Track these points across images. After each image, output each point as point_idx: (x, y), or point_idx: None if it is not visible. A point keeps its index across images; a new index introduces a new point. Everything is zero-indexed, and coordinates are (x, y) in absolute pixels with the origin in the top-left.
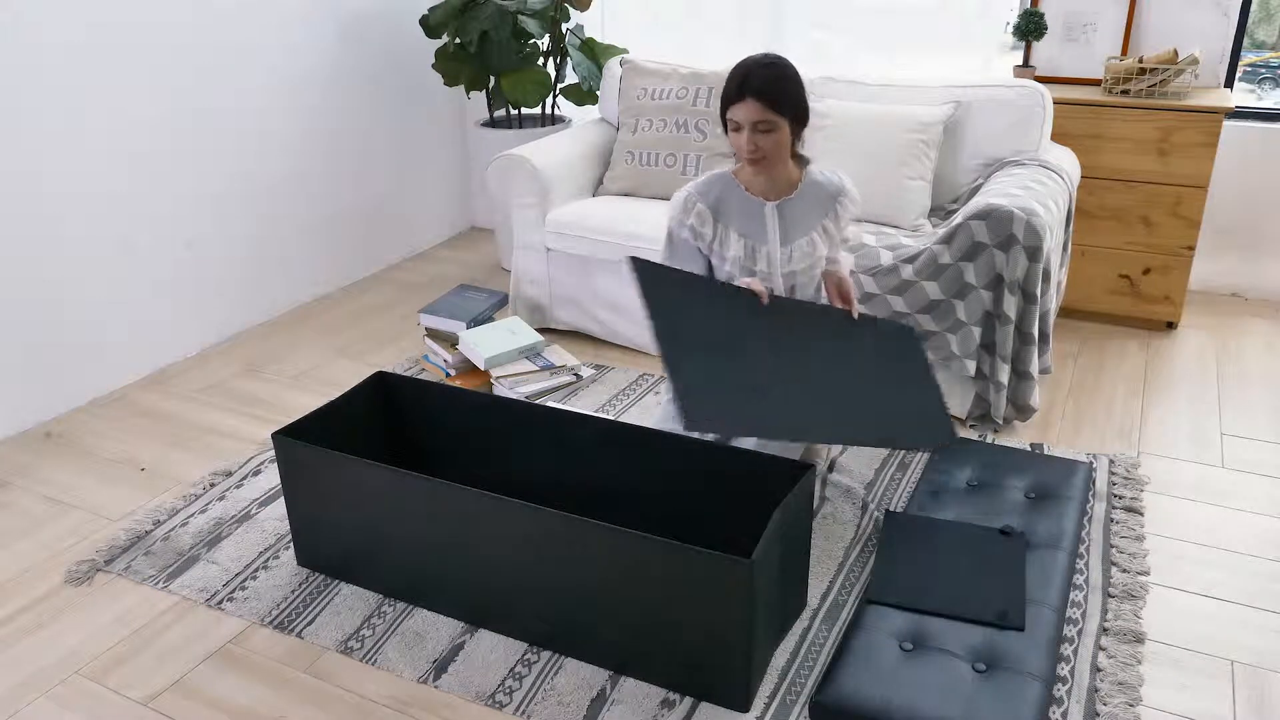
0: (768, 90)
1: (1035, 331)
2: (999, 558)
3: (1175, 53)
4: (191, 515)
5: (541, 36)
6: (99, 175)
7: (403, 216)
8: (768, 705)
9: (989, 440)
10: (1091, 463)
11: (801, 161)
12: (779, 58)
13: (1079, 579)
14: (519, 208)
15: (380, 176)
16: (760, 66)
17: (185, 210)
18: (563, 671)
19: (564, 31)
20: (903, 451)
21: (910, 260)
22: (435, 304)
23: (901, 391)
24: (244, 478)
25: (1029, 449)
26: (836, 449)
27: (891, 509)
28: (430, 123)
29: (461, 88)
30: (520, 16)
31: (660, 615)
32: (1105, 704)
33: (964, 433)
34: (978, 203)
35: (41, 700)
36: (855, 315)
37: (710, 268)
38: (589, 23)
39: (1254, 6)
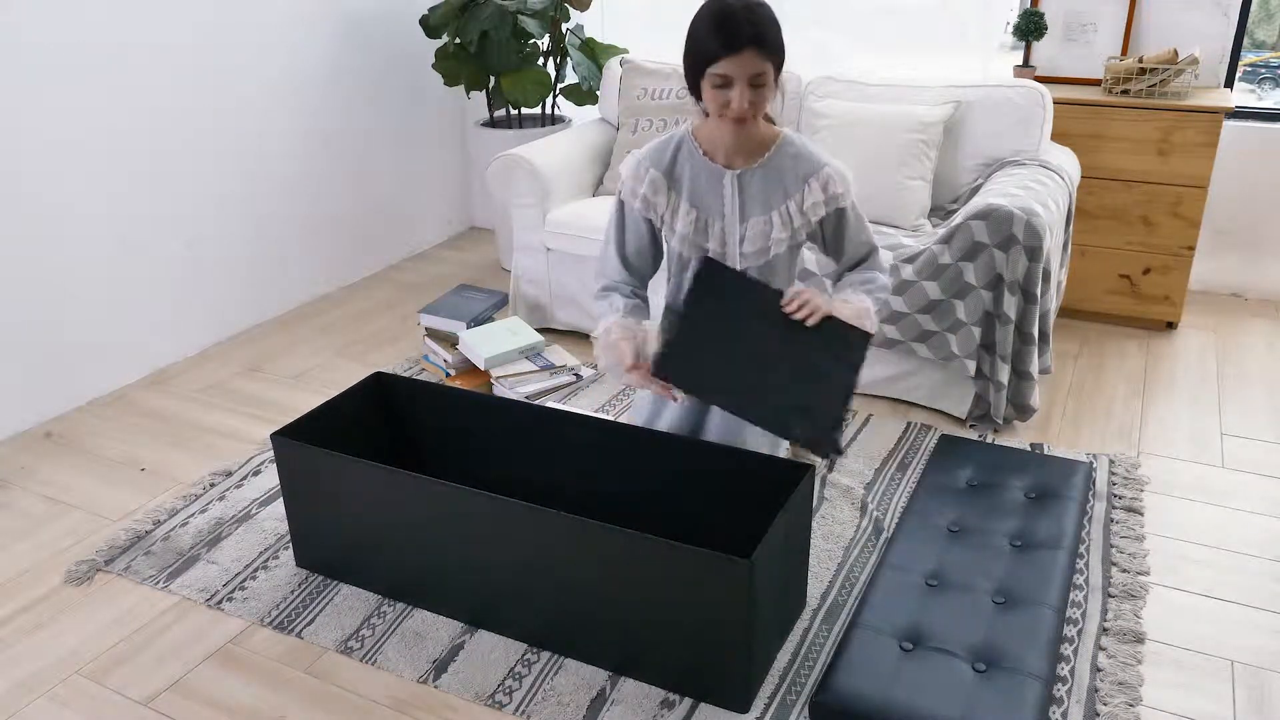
0: (766, 37)
1: (1035, 331)
2: (828, 358)
3: (1175, 53)
4: (191, 515)
5: (541, 36)
6: (99, 175)
7: (403, 216)
8: (768, 705)
9: (989, 440)
10: (1091, 463)
11: (770, 122)
12: (766, 3)
13: (1079, 579)
14: (519, 208)
15: (380, 176)
16: (744, 8)
17: (185, 210)
18: (563, 671)
19: (564, 31)
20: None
21: (910, 260)
22: (435, 304)
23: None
24: (244, 478)
25: (1029, 449)
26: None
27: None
28: (430, 123)
29: (461, 88)
30: (520, 16)
31: (660, 615)
32: (1105, 704)
33: (964, 433)
34: (978, 203)
35: (41, 700)
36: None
37: (655, 240)
38: (589, 23)
39: (1254, 6)
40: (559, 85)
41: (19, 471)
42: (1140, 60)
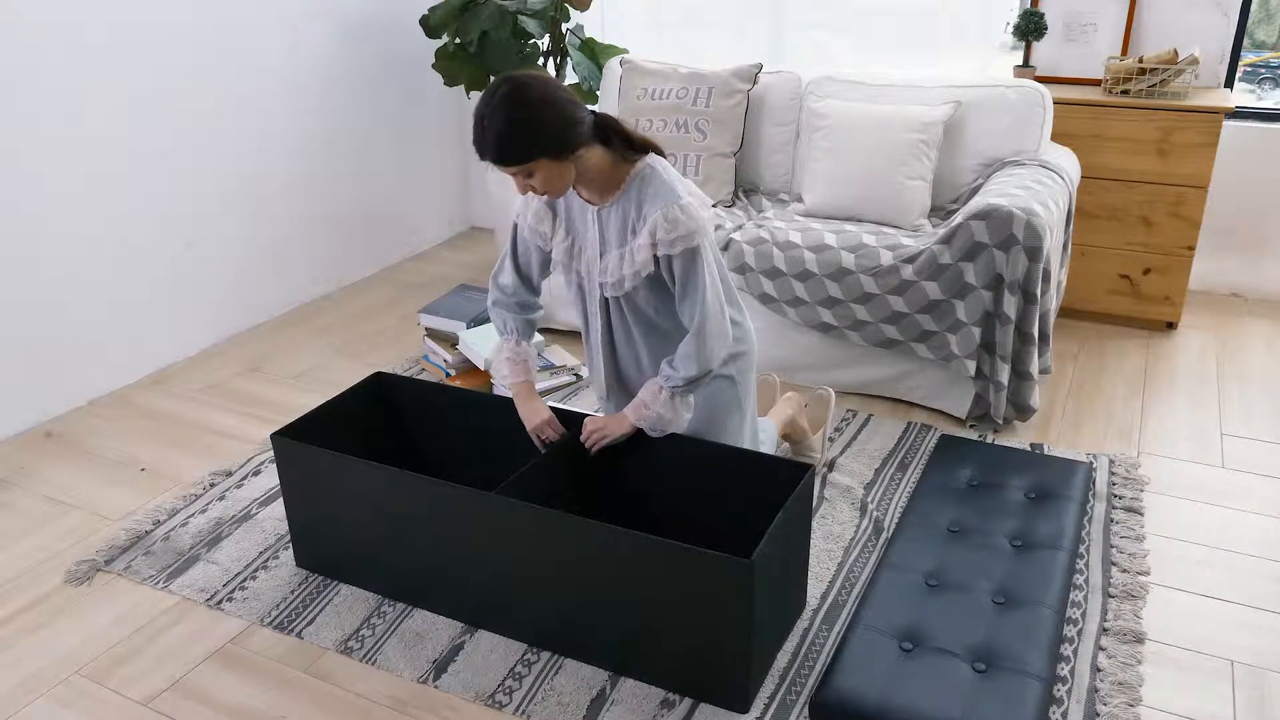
0: (501, 153)
1: (1035, 331)
2: None
3: (1175, 53)
4: (191, 515)
5: (541, 36)
6: (99, 176)
7: (403, 216)
8: (768, 705)
9: (989, 440)
10: (1091, 463)
11: (630, 158)
12: (509, 95)
13: (1079, 579)
14: None
15: (380, 176)
16: (493, 118)
17: (185, 210)
18: (563, 671)
19: (564, 31)
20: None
21: (910, 260)
22: (435, 304)
23: None
24: (244, 478)
25: (1029, 449)
26: (835, 449)
27: (889, 512)
28: (430, 123)
29: (461, 88)
30: (520, 16)
31: (660, 615)
32: (1105, 704)
33: (964, 433)
34: (978, 203)
35: (41, 700)
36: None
37: (544, 259)
38: (589, 23)
39: (1254, 6)
40: None
41: (19, 471)
42: (1140, 60)
